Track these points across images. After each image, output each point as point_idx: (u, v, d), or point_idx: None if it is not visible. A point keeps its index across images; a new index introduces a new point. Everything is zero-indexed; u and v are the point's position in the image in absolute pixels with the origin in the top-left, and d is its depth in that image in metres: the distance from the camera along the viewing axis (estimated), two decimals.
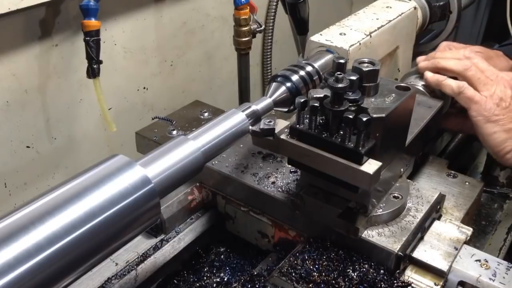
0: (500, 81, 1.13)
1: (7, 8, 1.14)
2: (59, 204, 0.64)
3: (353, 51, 1.16)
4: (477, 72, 1.13)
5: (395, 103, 0.90)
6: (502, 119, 1.09)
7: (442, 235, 0.97)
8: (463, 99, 1.13)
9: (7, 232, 0.60)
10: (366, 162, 0.83)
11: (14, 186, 1.37)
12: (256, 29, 1.51)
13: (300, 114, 0.88)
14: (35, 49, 1.29)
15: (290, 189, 1.04)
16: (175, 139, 0.83)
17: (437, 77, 1.18)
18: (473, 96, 1.11)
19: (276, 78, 1.04)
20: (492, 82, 1.12)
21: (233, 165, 1.11)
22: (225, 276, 1.10)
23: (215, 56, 1.88)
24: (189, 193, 1.14)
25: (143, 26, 1.55)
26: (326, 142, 0.85)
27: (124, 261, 1.02)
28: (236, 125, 0.90)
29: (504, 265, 0.92)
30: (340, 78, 0.83)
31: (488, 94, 1.11)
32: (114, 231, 0.68)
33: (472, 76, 1.13)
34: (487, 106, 1.10)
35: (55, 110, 1.39)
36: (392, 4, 1.39)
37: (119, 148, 1.59)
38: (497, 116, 1.09)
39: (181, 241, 1.11)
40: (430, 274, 0.92)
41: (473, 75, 1.13)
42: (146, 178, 0.72)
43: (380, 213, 0.95)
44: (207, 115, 1.28)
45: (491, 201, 1.36)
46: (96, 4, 1.19)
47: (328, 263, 0.92)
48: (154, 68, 1.65)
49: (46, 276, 0.61)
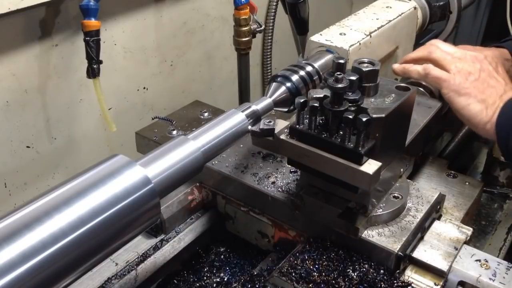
0: (468, 58, 1.14)
1: (7, 8, 1.14)
2: (59, 204, 0.64)
3: (353, 51, 1.16)
4: (442, 53, 1.15)
5: (395, 103, 0.90)
6: (473, 91, 1.09)
7: (442, 235, 0.97)
8: (432, 79, 1.14)
9: (7, 232, 0.60)
10: (366, 162, 0.83)
11: (14, 186, 1.37)
12: (256, 29, 1.51)
13: (299, 114, 0.88)
14: (35, 49, 1.29)
15: (290, 189, 1.04)
16: (175, 139, 0.83)
17: (403, 65, 1.20)
18: (440, 75, 1.12)
19: (276, 78, 1.04)
20: (459, 60, 1.13)
21: (233, 165, 1.11)
22: (225, 276, 1.10)
23: (215, 56, 1.88)
24: (189, 193, 1.14)
25: (143, 26, 1.55)
26: (326, 142, 0.85)
27: (124, 261, 1.02)
28: (236, 125, 0.90)
29: (504, 265, 0.92)
30: (340, 78, 0.83)
31: (455, 71, 1.11)
32: (114, 231, 0.68)
33: (437, 57, 1.14)
34: (456, 81, 1.10)
35: (55, 110, 1.39)
36: (392, 4, 1.39)
37: (119, 148, 1.59)
38: (468, 89, 1.09)
39: (181, 241, 1.11)
40: (430, 274, 0.92)
41: (438, 56, 1.14)
42: (146, 178, 0.72)
43: (380, 213, 0.95)
44: (207, 115, 1.28)
45: (491, 201, 1.36)
46: (96, 4, 1.19)
47: (328, 263, 0.92)
48: (154, 68, 1.65)
49: (46, 276, 0.61)
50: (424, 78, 1.16)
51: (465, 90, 1.09)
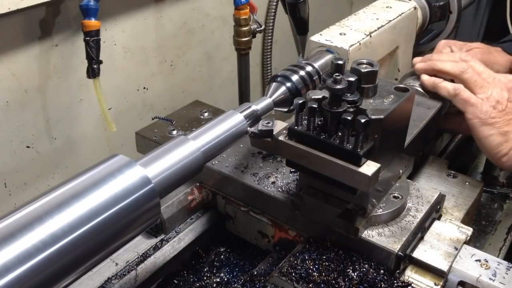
0: (497, 84, 1.12)
1: (7, 8, 1.14)
2: (59, 204, 0.64)
3: (353, 51, 1.16)
4: (473, 75, 1.13)
5: (393, 104, 0.90)
6: (498, 122, 1.08)
7: (442, 235, 0.97)
8: (459, 101, 1.13)
9: (7, 232, 0.60)
10: (365, 164, 0.83)
11: (14, 186, 1.37)
12: (256, 29, 1.51)
13: (298, 115, 0.87)
14: (35, 49, 1.29)
15: (290, 189, 1.04)
16: (175, 139, 0.83)
17: (433, 79, 1.18)
18: (469, 98, 1.11)
19: (276, 78, 1.05)
20: (488, 84, 1.12)
21: (233, 165, 1.11)
22: (225, 276, 1.10)
23: (215, 56, 1.88)
24: (189, 193, 1.14)
25: (143, 26, 1.55)
26: (325, 143, 0.85)
27: (124, 261, 1.02)
28: (234, 126, 0.90)
29: (504, 265, 0.92)
30: (339, 79, 0.83)
31: (484, 97, 1.10)
32: (114, 231, 0.68)
33: (468, 78, 1.13)
34: (483, 108, 1.09)
35: (55, 110, 1.39)
36: (392, 4, 1.39)
37: (119, 148, 1.59)
38: (493, 119, 1.08)
39: (181, 241, 1.11)
40: (430, 274, 0.92)
41: (469, 77, 1.13)
42: (146, 178, 0.72)
43: (380, 213, 0.95)
44: (207, 115, 1.28)
45: (491, 201, 1.36)
46: (96, 4, 1.19)
47: (328, 263, 0.92)
48: (154, 68, 1.65)
49: (46, 276, 0.61)
50: (452, 98, 1.14)
51: (491, 120, 1.08)
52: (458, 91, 1.12)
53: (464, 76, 1.13)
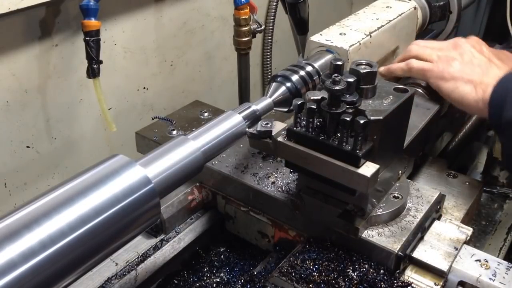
0: (448, 46, 1.16)
1: (7, 8, 1.14)
2: (59, 204, 0.64)
3: (353, 51, 1.16)
4: (421, 48, 1.18)
5: (393, 105, 0.89)
6: (458, 74, 1.10)
7: (442, 235, 0.97)
8: (416, 72, 1.17)
9: (7, 232, 0.60)
10: (364, 165, 0.83)
11: (14, 186, 1.37)
12: (256, 29, 1.51)
13: (297, 116, 0.87)
14: (35, 49, 1.29)
15: (290, 189, 1.04)
16: (175, 139, 0.83)
17: (387, 66, 1.23)
18: (422, 65, 1.15)
19: (276, 78, 1.04)
20: (439, 49, 1.16)
21: (233, 165, 1.11)
22: (225, 276, 1.10)
23: (215, 56, 1.88)
24: (189, 193, 1.14)
25: (143, 26, 1.55)
26: (323, 144, 0.85)
27: (124, 261, 1.02)
28: (233, 126, 0.91)
29: (504, 265, 0.92)
30: (337, 80, 0.82)
31: (437, 59, 1.14)
32: (114, 231, 0.68)
33: (418, 52, 1.17)
34: (439, 68, 1.12)
35: (55, 110, 1.39)
36: (392, 4, 1.39)
37: (119, 148, 1.59)
38: (453, 73, 1.11)
39: (181, 241, 1.11)
40: (430, 274, 0.92)
41: (418, 51, 1.18)
42: (146, 178, 0.72)
43: (380, 213, 0.95)
44: (207, 115, 1.28)
45: (491, 201, 1.36)
46: (96, 4, 1.19)
47: (328, 263, 0.92)
48: (154, 68, 1.65)
49: (46, 276, 0.61)
50: (409, 73, 1.19)
51: (450, 74, 1.11)
52: (410, 64, 1.17)
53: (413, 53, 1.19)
